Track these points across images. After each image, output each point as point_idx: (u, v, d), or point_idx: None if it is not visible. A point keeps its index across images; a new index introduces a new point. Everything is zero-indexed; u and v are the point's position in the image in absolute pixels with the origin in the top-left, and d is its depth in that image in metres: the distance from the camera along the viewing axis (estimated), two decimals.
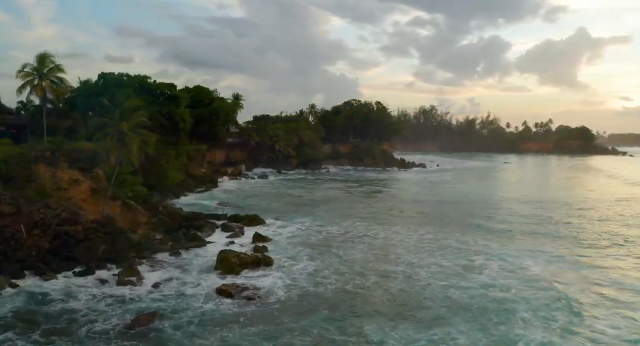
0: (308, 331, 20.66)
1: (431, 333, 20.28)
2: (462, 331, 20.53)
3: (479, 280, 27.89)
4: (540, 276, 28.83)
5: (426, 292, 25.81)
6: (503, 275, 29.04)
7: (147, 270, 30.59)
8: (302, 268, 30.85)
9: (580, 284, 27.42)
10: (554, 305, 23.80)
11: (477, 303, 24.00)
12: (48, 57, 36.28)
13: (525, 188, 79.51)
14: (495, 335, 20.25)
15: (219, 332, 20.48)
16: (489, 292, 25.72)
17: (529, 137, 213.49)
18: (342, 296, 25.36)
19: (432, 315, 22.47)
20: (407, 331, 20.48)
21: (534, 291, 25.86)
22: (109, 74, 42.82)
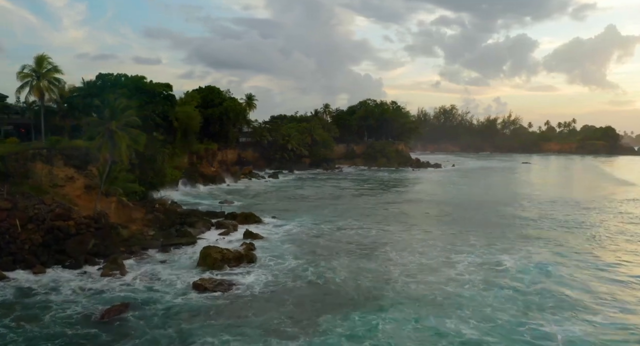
0: (266, 323, 21.14)
1: (370, 320, 21.18)
2: (396, 321, 21.16)
3: (446, 276, 28.08)
4: (508, 274, 28.62)
5: (388, 286, 26.20)
6: (472, 271, 29.15)
7: (132, 264, 31.51)
8: (284, 265, 31.22)
9: (539, 285, 26.84)
10: (502, 305, 23.46)
11: (429, 297, 24.39)
12: (46, 59, 37.78)
13: (528, 188, 78.31)
14: (423, 327, 20.59)
15: (180, 323, 21.08)
16: (447, 287, 25.95)
17: (552, 137, 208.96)
18: (312, 291, 25.76)
19: (380, 306, 23.06)
20: (352, 321, 21.13)
21: (492, 289, 25.76)
22: (107, 75, 44.19)
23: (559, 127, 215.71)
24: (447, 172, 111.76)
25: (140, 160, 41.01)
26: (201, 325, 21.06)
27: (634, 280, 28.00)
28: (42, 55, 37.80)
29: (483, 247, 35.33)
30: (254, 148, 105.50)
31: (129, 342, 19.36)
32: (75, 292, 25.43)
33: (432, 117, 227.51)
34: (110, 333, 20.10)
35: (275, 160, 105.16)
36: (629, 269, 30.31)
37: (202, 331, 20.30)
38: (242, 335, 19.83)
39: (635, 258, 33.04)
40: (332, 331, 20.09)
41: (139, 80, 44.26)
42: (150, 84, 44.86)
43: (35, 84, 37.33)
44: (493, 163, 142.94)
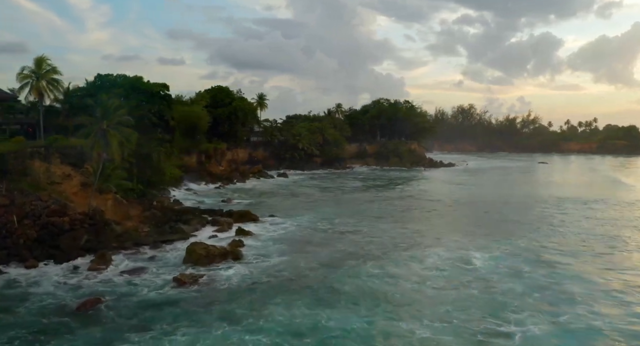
0: (223, 311, 22.22)
1: (317, 312, 21.84)
2: (345, 317, 21.49)
3: (414, 273, 28.35)
4: (475, 273, 28.58)
5: (351, 280, 26.79)
6: (442, 268, 29.35)
7: (121, 259, 32.38)
8: (267, 262, 31.70)
9: (508, 284, 26.62)
10: (464, 303, 23.42)
11: (392, 294, 24.64)
12: (45, 61, 39.15)
13: (530, 188, 77.02)
14: (371, 324, 20.84)
15: (147, 313, 21.89)
16: (413, 284, 26.15)
17: (572, 137, 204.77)
18: (281, 286, 26.30)
19: (337, 299, 23.62)
20: (302, 311, 21.84)
21: (458, 288, 25.78)
22: (107, 75, 45.47)
23: (580, 126, 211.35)
24: (457, 172, 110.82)
25: (138, 159, 41.98)
26: (165, 314, 21.89)
27: (612, 280, 27.61)
28: (42, 57, 39.22)
29: (462, 244, 35.58)
30: (265, 147, 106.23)
31: (94, 331, 20.12)
32: (58, 285, 26.33)
33: (450, 117, 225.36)
34: (79, 323, 20.91)
35: (286, 160, 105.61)
36: (609, 269, 29.82)
37: (164, 319, 21.13)
38: (197, 321, 20.75)
39: (615, 259, 32.57)
40: (279, 322, 20.62)
41: (137, 81, 45.36)
42: (147, 84, 45.92)
43: (35, 84, 38.70)
44: (508, 163, 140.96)
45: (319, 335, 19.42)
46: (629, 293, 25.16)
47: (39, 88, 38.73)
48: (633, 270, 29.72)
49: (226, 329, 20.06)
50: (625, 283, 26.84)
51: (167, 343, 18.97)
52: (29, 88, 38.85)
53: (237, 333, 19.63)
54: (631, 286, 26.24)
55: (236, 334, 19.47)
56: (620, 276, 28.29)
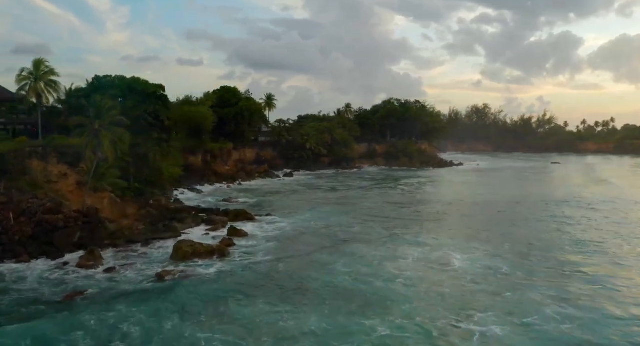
0: (183, 304, 23.05)
1: (279, 311, 22.20)
2: (305, 313, 21.95)
3: (391, 271, 28.54)
4: (452, 273, 28.71)
5: (326, 279, 27.22)
6: (418, 268, 29.54)
7: (110, 256, 33.34)
8: (250, 260, 32.26)
9: (480, 285, 26.55)
10: (432, 303, 23.53)
11: (357, 291, 24.95)
12: (43, 63, 40.44)
13: (529, 189, 75.95)
14: (330, 322, 21.05)
15: (117, 306, 22.63)
16: (381, 282, 26.38)
17: (589, 137, 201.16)
18: (253, 282, 27.06)
19: (304, 298, 24.12)
20: (263, 310, 22.28)
21: (423, 287, 25.89)
22: (105, 77, 46.64)
23: (597, 126, 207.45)
24: (466, 172, 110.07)
25: (135, 158, 42.97)
26: (132, 307, 22.61)
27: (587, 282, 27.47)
28: (40, 59, 40.61)
29: (446, 244, 35.75)
30: (273, 147, 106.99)
31: (65, 321, 20.95)
32: (42, 280, 27.26)
33: (464, 117, 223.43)
34: (52, 315, 21.65)
35: (294, 160, 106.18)
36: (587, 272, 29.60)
37: (129, 311, 21.96)
38: (156, 314, 21.64)
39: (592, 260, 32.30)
40: (232, 318, 21.28)
41: (133, 82, 46.43)
42: (143, 84, 46.93)
43: (33, 85, 39.97)
44: (520, 163, 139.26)
45: (274, 334, 19.76)
46: (602, 301, 24.63)
47: (37, 90, 40.03)
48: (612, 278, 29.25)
49: (178, 323, 20.72)
50: (602, 292, 26.19)
51: (118, 332, 19.79)
52: (27, 89, 40.23)
53: (188, 328, 20.17)
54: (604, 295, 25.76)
55: (188, 329, 20.02)
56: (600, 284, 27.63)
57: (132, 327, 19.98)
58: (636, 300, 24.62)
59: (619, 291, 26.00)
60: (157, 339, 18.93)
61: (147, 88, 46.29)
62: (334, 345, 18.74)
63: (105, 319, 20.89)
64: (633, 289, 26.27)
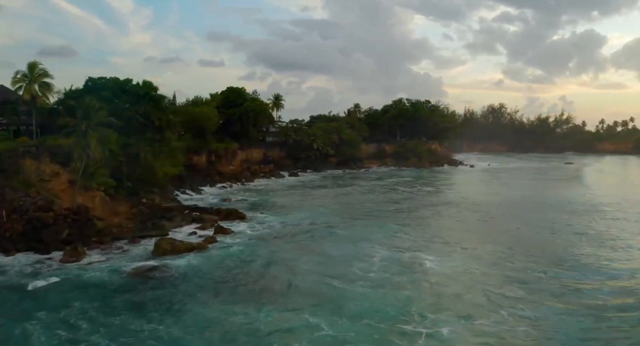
0: (146, 302, 23.83)
1: (233, 306, 22.91)
2: (256, 309, 22.52)
3: (357, 273, 28.74)
4: (420, 274, 28.82)
5: (291, 278, 27.60)
6: (387, 269, 29.65)
7: (94, 253, 34.39)
8: (224, 258, 33.03)
9: (447, 288, 26.61)
10: (390, 304, 23.70)
11: (317, 292, 25.39)
12: (37, 65, 41.86)
13: (531, 191, 74.87)
14: (275, 318, 21.57)
15: (75, 299, 23.73)
16: (344, 284, 26.61)
17: (608, 137, 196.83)
18: (218, 280, 27.82)
19: (261, 297, 24.59)
20: (217, 305, 22.87)
21: (385, 288, 26.04)
22: (100, 78, 47.92)
23: (616, 126, 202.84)
24: (475, 172, 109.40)
25: (127, 158, 44.09)
26: (91, 301, 23.69)
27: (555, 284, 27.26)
28: (34, 62, 42.02)
29: (422, 246, 36.03)
30: (281, 147, 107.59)
31: (24, 310, 22.12)
32: (20, 272, 28.46)
33: (480, 117, 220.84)
34: (22, 304, 22.84)
35: (301, 160, 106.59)
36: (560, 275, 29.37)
37: (85, 304, 23.06)
38: (109, 307, 22.67)
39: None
40: (184, 315, 21.83)
41: (125, 83, 47.59)
42: (135, 86, 48.07)
43: (27, 87, 41.41)
44: (533, 163, 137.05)
45: (218, 329, 20.34)
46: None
47: (31, 91, 41.48)
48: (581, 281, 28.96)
49: (127, 318, 21.55)
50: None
51: (66, 323, 20.71)
52: (22, 91, 41.72)
53: (136, 321, 20.95)
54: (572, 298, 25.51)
55: (135, 322, 20.78)
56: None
57: (80, 320, 20.83)
58: (603, 306, 24.25)
59: (586, 294, 25.84)
60: (103, 331, 19.67)
61: (138, 90, 47.41)
62: (272, 341, 19.10)
63: (59, 310, 21.90)
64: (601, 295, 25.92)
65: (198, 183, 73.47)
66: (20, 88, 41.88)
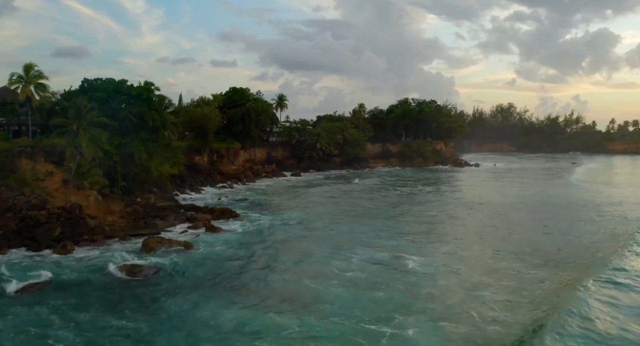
0: (120, 299, 24.39)
1: (205, 304, 23.30)
2: (227, 307, 23.03)
3: (336, 273, 28.93)
4: (398, 274, 28.98)
5: (269, 278, 28.00)
6: (367, 269, 29.90)
7: (83, 250, 35.07)
8: (208, 256, 33.57)
9: (424, 289, 26.66)
10: (352, 302, 23.96)
11: (291, 292, 25.70)
12: (32, 67, 42.75)
13: (528, 191, 74.33)
14: (242, 317, 21.89)
15: (67, 293, 24.57)
16: (319, 284, 26.84)
17: (618, 136, 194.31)
18: (193, 277, 28.44)
19: (233, 296, 25.07)
20: (187, 303, 23.33)
21: (360, 288, 26.22)
22: (96, 80, 48.74)
23: (627, 126, 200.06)
24: (478, 172, 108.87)
25: (122, 158, 44.83)
26: (67, 297, 24.41)
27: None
28: (30, 64, 42.90)
29: (405, 246, 36.19)
30: (284, 147, 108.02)
31: (9, 305, 22.83)
32: (12, 270, 29.19)
33: (489, 116, 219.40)
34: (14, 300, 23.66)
35: (305, 160, 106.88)
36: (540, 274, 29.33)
37: (60, 300, 23.72)
38: (82, 303, 23.31)
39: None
40: (152, 309, 22.36)
41: (119, 84, 48.37)
42: (129, 87, 48.82)
43: (22, 88, 42.33)
44: (540, 163, 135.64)
45: (185, 326, 20.71)
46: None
47: (27, 92, 42.39)
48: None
49: (98, 314, 22.16)
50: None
51: (37, 318, 21.40)
52: (19, 92, 42.67)
53: (105, 317, 21.47)
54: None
55: (107, 319, 21.27)
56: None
57: (53, 315, 21.45)
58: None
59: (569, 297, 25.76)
60: (72, 326, 20.20)
61: (133, 91, 48.16)
62: (236, 339, 19.45)
63: (34, 306, 22.64)
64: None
65: (199, 183, 74.21)
66: (18, 90, 42.77)
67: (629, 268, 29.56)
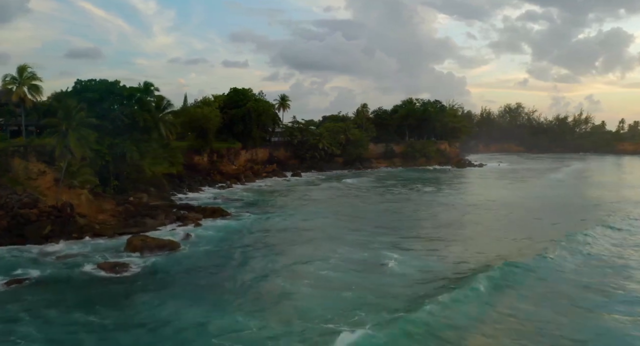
0: (93, 297, 24.90)
1: (173, 303, 23.75)
2: (193, 306, 23.38)
3: (304, 271, 29.37)
4: (374, 274, 29.24)
5: (239, 274, 28.67)
6: (336, 268, 30.16)
7: (70, 247, 35.97)
8: (193, 254, 34.10)
9: (396, 289, 26.75)
10: (315, 303, 24.14)
11: (258, 291, 26.08)
12: (26, 68, 43.69)
13: (526, 191, 74.15)
14: (213, 314, 22.27)
15: (35, 291, 25.09)
16: (286, 282, 27.27)
17: (629, 137, 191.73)
18: (174, 277, 28.88)
19: (202, 292, 25.70)
20: (156, 302, 23.76)
21: (327, 288, 26.45)
22: (89, 81, 49.63)
23: (637, 126, 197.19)
24: (481, 172, 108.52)
25: (113, 158, 45.61)
26: (41, 294, 25.03)
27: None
28: (24, 65, 43.84)
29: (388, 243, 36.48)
30: (286, 147, 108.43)
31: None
32: None
33: (496, 116, 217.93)
34: None
35: (307, 160, 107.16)
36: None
37: (34, 297, 24.30)
38: (56, 301, 23.77)
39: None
40: (122, 307, 22.94)
41: (112, 85, 49.19)
42: (121, 88, 49.64)
43: (16, 90, 43.26)
44: (545, 164, 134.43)
45: (149, 323, 21.25)
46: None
47: (20, 94, 43.35)
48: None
49: (69, 311, 22.65)
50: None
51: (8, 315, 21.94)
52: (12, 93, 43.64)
53: (77, 315, 21.98)
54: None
55: (76, 316, 21.83)
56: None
57: (22, 312, 22.09)
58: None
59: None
60: (38, 322, 20.76)
61: (125, 92, 48.96)
62: (192, 339, 19.86)
63: (4, 304, 23.12)
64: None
65: (198, 183, 74.80)
66: (11, 91, 43.73)
67: None
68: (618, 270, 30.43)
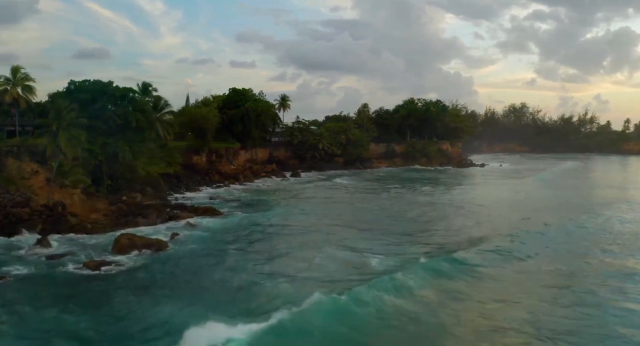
0: (80, 288, 25.61)
1: (150, 302, 24.04)
2: (169, 305, 23.65)
3: (286, 271, 29.60)
4: (355, 274, 29.34)
5: (221, 273, 28.82)
6: (318, 269, 30.37)
7: (59, 245, 36.38)
8: (178, 253, 34.46)
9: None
10: (283, 300, 24.34)
11: (236, 289, 26.41)
12: (19, 69, 44.44)
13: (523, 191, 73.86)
14: (184, 313, 22.45)
15: (14, 289, 25.47)
16: (267, 282, 27.44)
17: (634, 137, 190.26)
18: (156, 276, 29.15)
19: (182, 291, 26.07)
20: (134, 300, 24.18)
21: (305, 288, 26.45)
22: (82, 81, 50.28)
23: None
24: (481, 172, 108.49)
25: (106, 158, 46.19)
26: (24, 288, 25.67)
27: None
28: (17, 66, 44.68)
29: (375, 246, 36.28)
30: (286, 147, 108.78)
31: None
32: None
33: (501, 116, 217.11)
34: None
35: (307, 160, 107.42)
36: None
37: (17, 292, 24.85)
38: (34, 298, 24.20)
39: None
40: (101, 307, 23.26)
41: (105, 86, 49.78)
42: (114, 88, 50.20)
43: (9, 90, 43.98)
44: (548, 164, 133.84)
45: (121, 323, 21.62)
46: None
47: (14, 94, 44.08)
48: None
49: (48, 309, 23.03)
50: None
51: None
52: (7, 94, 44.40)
53: (51, 312, 22.37)
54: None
55: (50, 314, 22.21)
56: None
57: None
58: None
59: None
60: (12, 320, 21.25)
61: (117, 92, 49.54)
62: (161, 337, 20.17)
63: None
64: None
65: (196, 183, 75.19)
66: (4, 92, 44.46)
67: None
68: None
